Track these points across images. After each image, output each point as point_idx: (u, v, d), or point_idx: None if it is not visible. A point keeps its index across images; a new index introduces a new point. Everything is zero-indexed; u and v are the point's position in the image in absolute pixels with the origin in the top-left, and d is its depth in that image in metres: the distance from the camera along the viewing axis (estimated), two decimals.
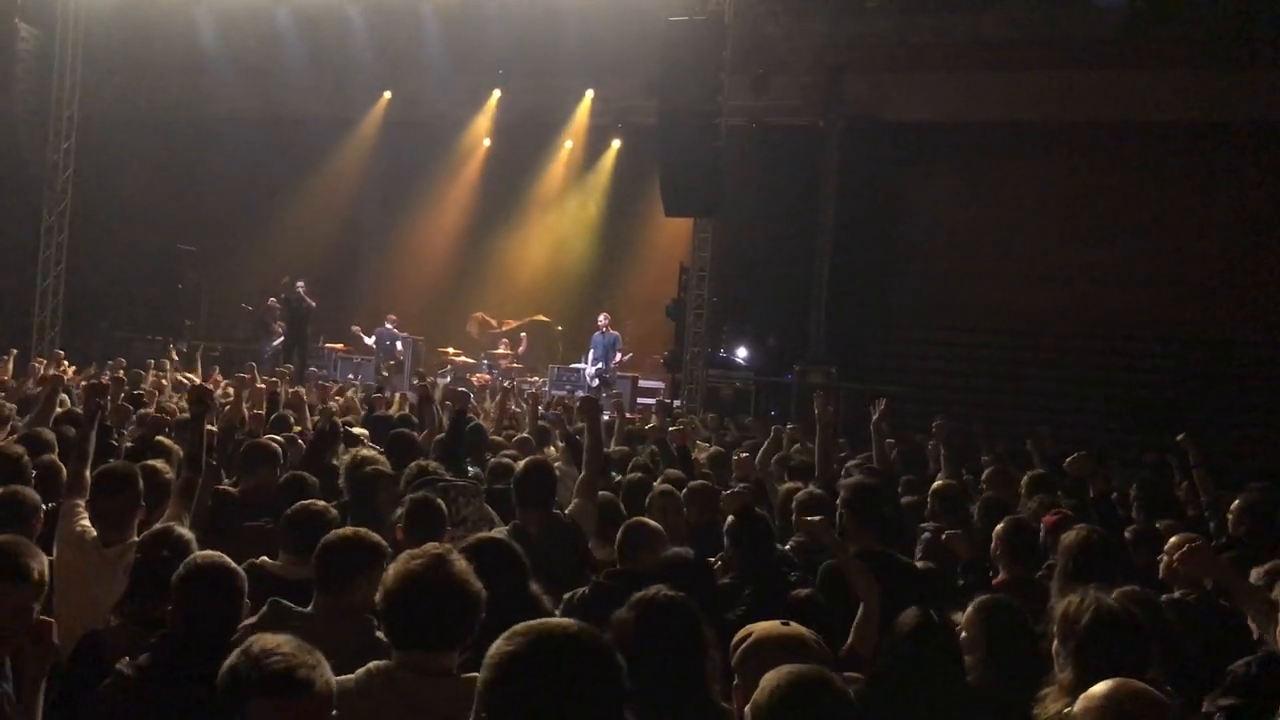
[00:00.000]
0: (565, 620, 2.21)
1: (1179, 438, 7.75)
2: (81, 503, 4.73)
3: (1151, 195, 18.02)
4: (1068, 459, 6.38)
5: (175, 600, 3.25)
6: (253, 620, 3.69)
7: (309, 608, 3.69)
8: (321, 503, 4.62)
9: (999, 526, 5.34)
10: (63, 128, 18.19)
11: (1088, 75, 17.55)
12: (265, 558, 4.40)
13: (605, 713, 2.00)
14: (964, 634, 3.73)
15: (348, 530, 3.71)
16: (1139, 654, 3.17)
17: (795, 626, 3.01)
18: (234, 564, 3.40)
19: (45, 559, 3.29)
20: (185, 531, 3.98)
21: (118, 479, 4.69)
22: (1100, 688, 2.52)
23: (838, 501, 5.69)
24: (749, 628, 3.09)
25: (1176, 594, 4.74)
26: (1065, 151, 18.41)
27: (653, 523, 4.91)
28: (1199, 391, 16.74)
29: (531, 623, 2.10)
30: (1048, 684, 3.24)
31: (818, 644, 2.97)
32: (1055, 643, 3.28)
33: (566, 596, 4.34)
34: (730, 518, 5.06)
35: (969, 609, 3.82)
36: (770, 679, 2.50)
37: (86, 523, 4.63)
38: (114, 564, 4.34)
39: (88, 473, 4.86)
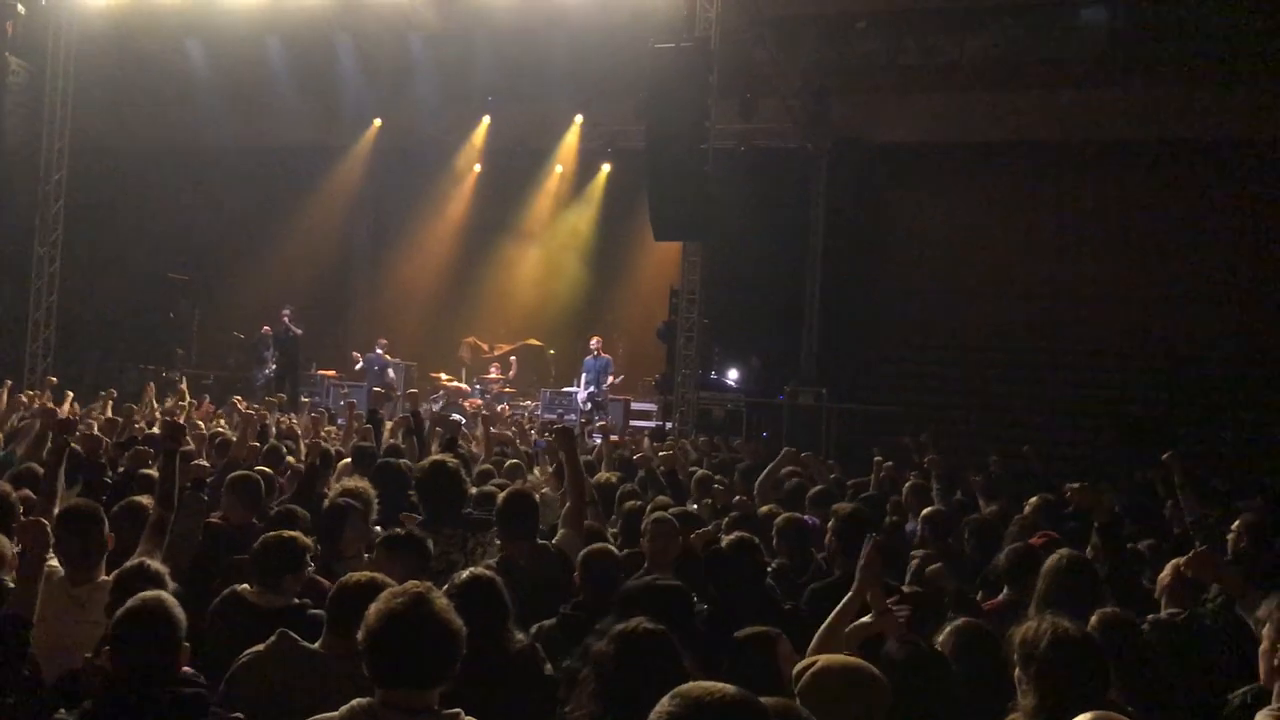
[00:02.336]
0: (724, 686, 2.23)
1: (1164, 456, 7.73)
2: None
3: (1138, 213, 18.17)
4: (1070, 489, 6.09)
5: (113, 643, 3.23)
6: (260, 648, 3.72)
7: (317, 644, 3.72)
8: (291, 533, 4.61)
9: (1000, 557, 5.37)
10: (54, 159, 18.22)
11: (1073, 95, 17.72)
12: (247, 585, 4.42)
13: None
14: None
15: (363, 575, 3.68)
16: (1098, 676, 3.20)
17: (858, 659, 3.04)
18: (174, 604, 3.36)
19: None
20: (160, 566, 3.98)
21: (82, 517, 4.62)
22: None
23: (829, 527, 5.76)
24: (813, 657, 3.11)
25: (1164, 614, 4.79)
26: (1053, 170, 18.55)
27: (611, 549, 4.91)
28: (1184, 406, 16.81)
29: (693, 685, 2.17)
30: (1013, 709, 3.28)
31: (880, 677, 2.99)
32: (1017, 669, 3.31)
33: (534, 629, 4.34)
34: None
35: (946, 632, 3.88)
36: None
37: (54, 563, 4.52)
38: (84, 603, 4.29)
39: (55, 511, 4.79)
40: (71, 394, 12.66)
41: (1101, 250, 18.25)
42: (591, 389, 18.34)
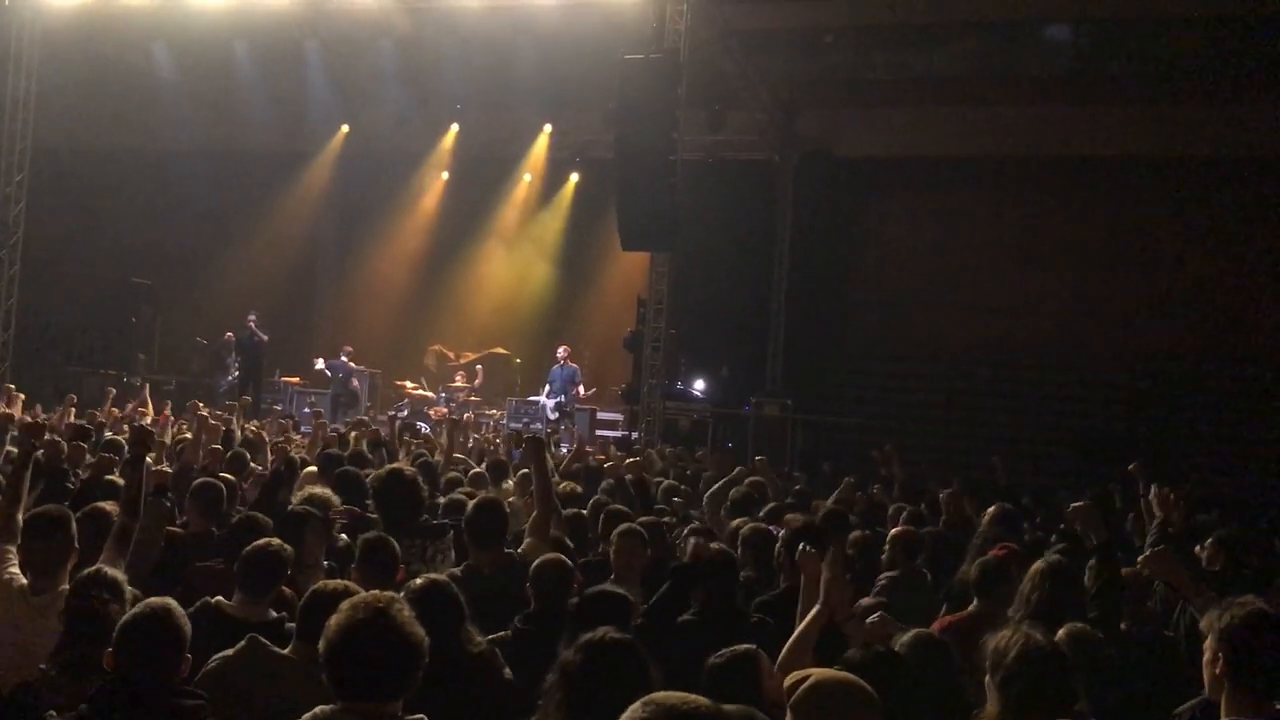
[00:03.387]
0: (694, 696, 2.27)
1: (1130, 467, 7.76)
2: (12, 548, 4.57)
3: (1101, 228, 18.39)
4: (1071, 507, 5.75)
5: (116, 647, 3.19)
6: (229, 654, 3.69)
7: (287, 649, 3.70)
8: (278, 542, 4.57)
9: (976, 562, 5.39)
10: (15, 160, 17.99)
11: (1038, 111, 17.92)
12: (220, 598, 4.37)
13: None
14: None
15: (338, 584, 3.67)
16: (1065, 688, 3.24)
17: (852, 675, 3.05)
18: (180, 612, 3.34)
19: None
20: (117, 573, 3.92)
21: (49, 523, 4.51)
22: None
23: (780, 537, 5.77)
24: (806, 671, 3.08)
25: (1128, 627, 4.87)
26: (1016, 185, 18.73)
27: (563, 560, 4.90)
28: (1147, 421, 17.02)
29: (666, 694, 2.22)
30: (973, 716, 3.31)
31: (873, 694, 2.98)
32: (986, 676, 3.34)
33: (490, 639, 4.33)
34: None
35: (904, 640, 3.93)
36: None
37: (15, 570, 4.48)
38: (43, 612, 4.19)
39: (20, 516, 4.69)
40: (23, 396, 12.49)
41: (1064, 265, 18.44)
42: (559, 398, 18.31)
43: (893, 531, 6.92)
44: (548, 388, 18.53)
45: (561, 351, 18.71)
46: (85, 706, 3.10)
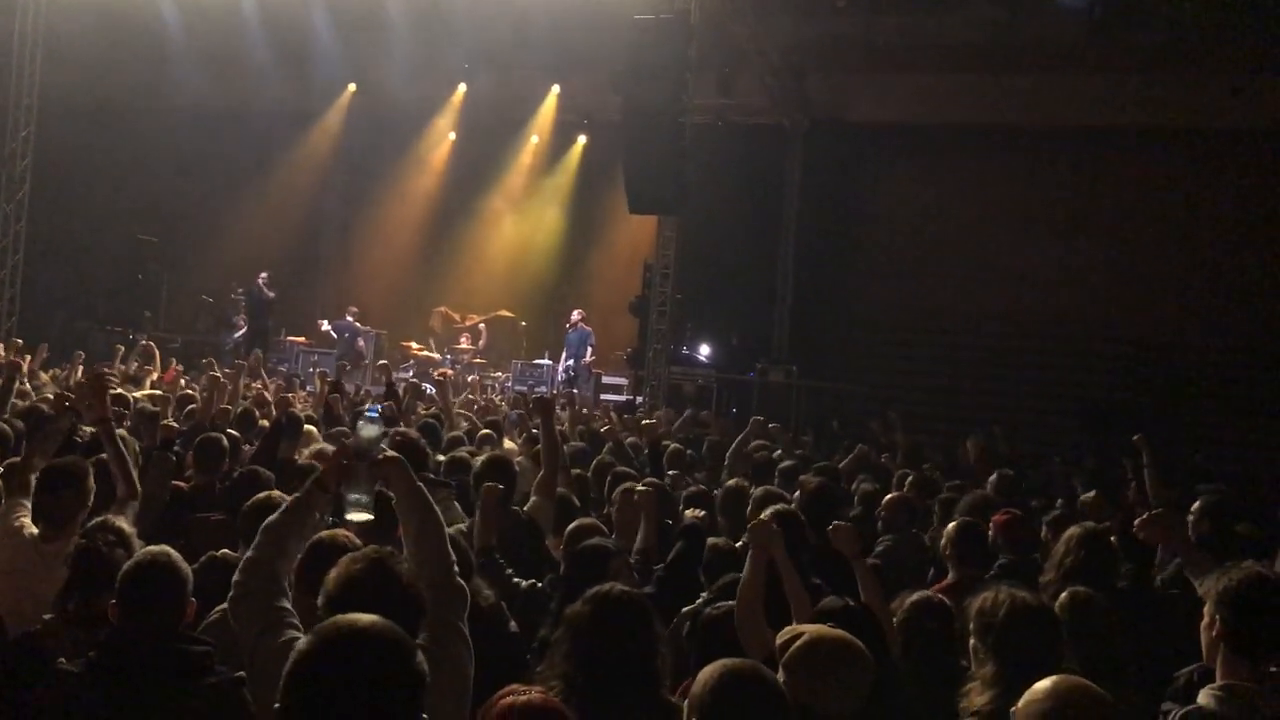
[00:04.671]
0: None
1: (1134, 438, 7.82)
2: (26, 501, 4.59)
3: (1109, 199, 18.30)
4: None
5: (120, 596, 3.19)
6: (226, 606, 3.71)
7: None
8: (280, 494, 4.57)
9: (949, 527, 5.44)
10: (22, 115, 17.95)
11: (1049, 80, 17.76)
12: (226, 550, 4.38)
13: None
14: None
15: (338, 533, 3.61)
16: (1055, 646, 3.26)
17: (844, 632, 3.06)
18: (180, 559, 3.34)
19: None
20: (125, 524, 3.93)
21: (65, 474, 4.55)
22: (1044, 684, 2.55)
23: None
24: (798, 628, 3.10)
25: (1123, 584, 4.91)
26: (1026, 154, 18.62)
27: (597, 523, 4.95)
28: (1150, 393, 17.01)
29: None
30: (967, 679, 3.33)
31: (866, 652, 3.01)
32: (973, 640, 3.36)
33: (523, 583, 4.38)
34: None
35: (900, 602, 3.96)
36: (706, 674, 2.56)
37: (27, 519, 4.51)
38: (53, 561, 4.18)
39: (33, 477, 4.69)
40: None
41: (1073, 235, 18.37)
42: (570, 361, 18.36)
43: (888, 496, 6.96)
44: (564, 352, 18.60)
45: (576, 315, 18.73)
46: (93, 654, 3.10)
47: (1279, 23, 16.04)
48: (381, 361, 13.18)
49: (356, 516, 3.35)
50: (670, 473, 7.62)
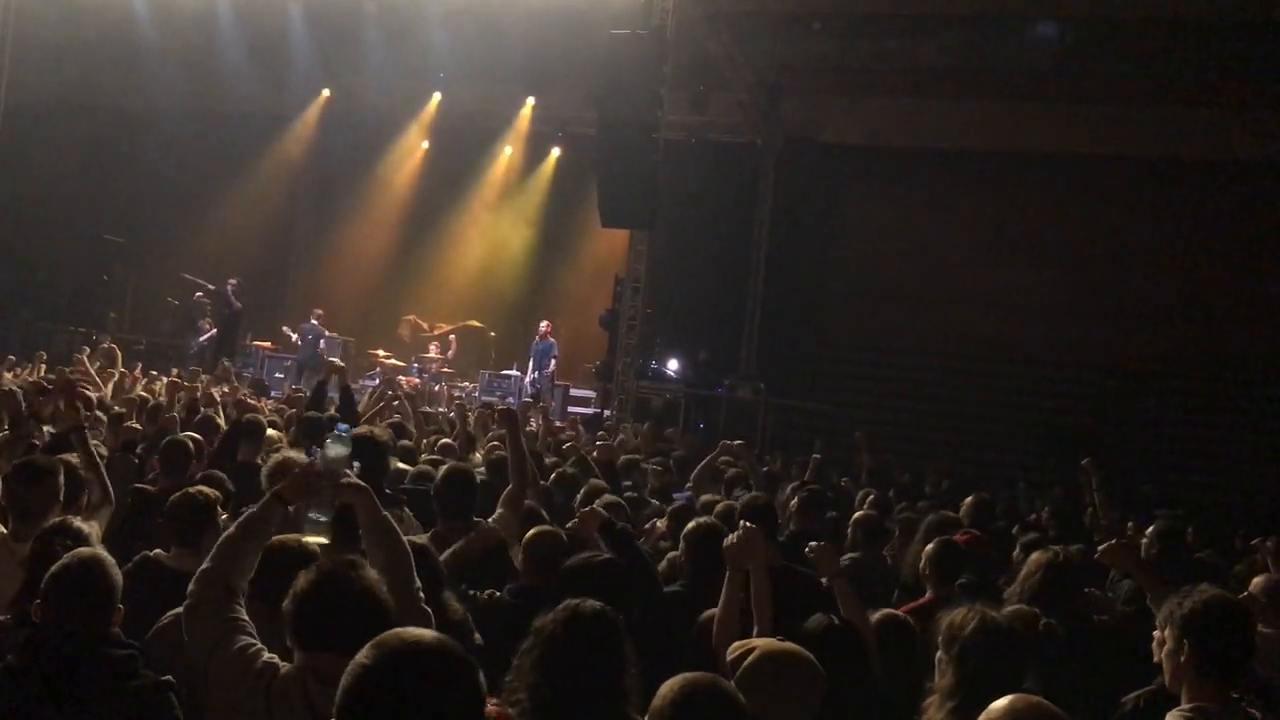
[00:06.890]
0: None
1: (1082, 462, 7.92)
2: None
3: (1080, 226, 18.50)
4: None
5: (44, 597, 3.15)
6: (180, 611, 3.66)
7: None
8: (206, 490, 4.57)
9: (928, 547, 5.44)
10: None
11: (1019, 106, 17.98)
12: (160, 550, 4.38)
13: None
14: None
15: (292, 539, 3.52)
16: (1016, 665, 3.28)
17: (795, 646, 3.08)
18: (111, 563, 3.28)
19: None
20: (84, 525, 3.90)
21: (37, 470, 4.51)
22: (1001, 703, 2.55)
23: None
24: (749, 642, 3.12)
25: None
26: (995, 179, 18.78)
27: (557, 532, 4.93)
28: (1114, 419, 17.19)
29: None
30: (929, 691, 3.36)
31: (817, 665, 3.03)
32: (939, 652, 3.38)
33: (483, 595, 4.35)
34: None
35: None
36: (667, 687, 2.57)
37: None
38: (24, 560, 4.12)
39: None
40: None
41: (1041, 262, 18.53)
42: (535, 374, 18.35)
43: (855, 515, 6.97)
44: (530, 364, 18.60)
45: (543, 326, 18.72)
46: (11, 657, 3.06)
47: (1249, 56, 16.30)
48: (336, 361, 11.75)
49: (314, 538, 3.35)
50: (625, 483, 7.62)
